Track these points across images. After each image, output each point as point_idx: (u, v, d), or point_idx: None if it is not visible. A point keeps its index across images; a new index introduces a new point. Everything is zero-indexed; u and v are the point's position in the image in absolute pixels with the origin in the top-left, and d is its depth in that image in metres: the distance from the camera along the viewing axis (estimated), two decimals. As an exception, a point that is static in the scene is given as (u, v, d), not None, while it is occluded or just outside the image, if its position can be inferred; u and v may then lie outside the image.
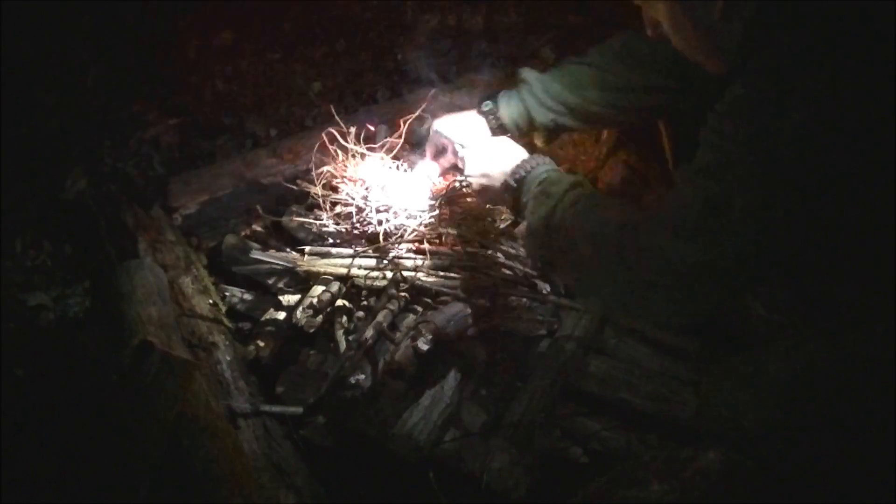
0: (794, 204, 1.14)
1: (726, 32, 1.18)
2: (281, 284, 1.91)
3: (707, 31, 1.20)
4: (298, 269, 1.80)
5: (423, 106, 2.03)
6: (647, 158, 2.25)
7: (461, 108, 2.02)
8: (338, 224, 1.89)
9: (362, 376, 1.62)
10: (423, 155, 2.04)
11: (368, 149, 1.98)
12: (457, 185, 1.83)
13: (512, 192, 1.67)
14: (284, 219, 2.06)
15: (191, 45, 2.97)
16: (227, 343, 1.84)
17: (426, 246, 1.83)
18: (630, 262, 1.31)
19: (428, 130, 2.03)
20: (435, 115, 2.03)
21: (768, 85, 1.11)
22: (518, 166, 1.67)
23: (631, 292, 1.36)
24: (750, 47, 1.15)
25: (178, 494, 1.57)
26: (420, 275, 1.80)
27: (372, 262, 1.83)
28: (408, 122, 1.94)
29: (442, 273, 1.82)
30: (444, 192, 1.87)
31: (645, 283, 1.31)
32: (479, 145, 1.82)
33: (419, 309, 1.78)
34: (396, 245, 1.83)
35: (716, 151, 1.19)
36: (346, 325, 1.76)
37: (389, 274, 1.79)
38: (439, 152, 1.97)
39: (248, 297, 1.99)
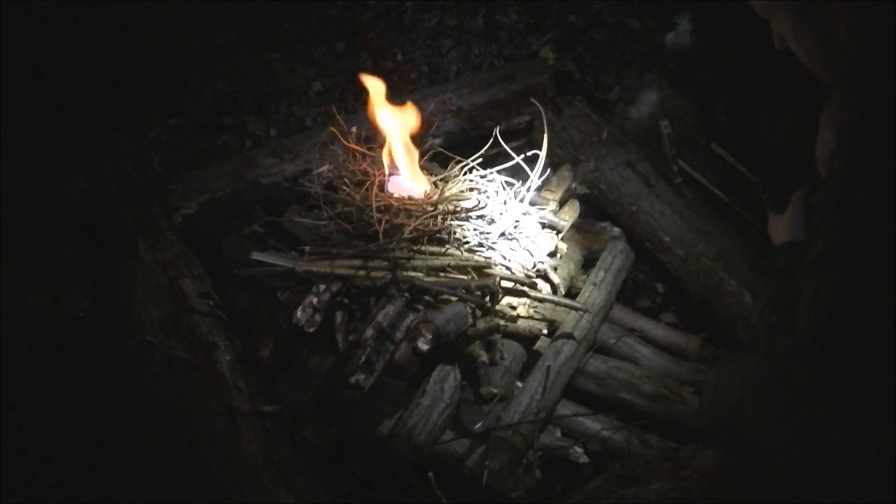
0: None
1: (849, 51, 1.14)
2: (281, 285, 1.90)
3: (830, 48, 1.16)
4: (298, 269, 1.80)
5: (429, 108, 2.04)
6: (647, 157, 2.25)
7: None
8: (338, 224, 1.89)
9: (362, 376, 1.62)
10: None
11: (368, 149, 1.98)
12: None
13: None
14: (284, 219, 2.06)
15: (191, 44, 2.97)
16: (227, 343, 1.84)
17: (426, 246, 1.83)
18: None
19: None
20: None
21: None
22: None
23: None
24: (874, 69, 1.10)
25: (179, 494, 1.58)
26: (420, 275, 1.79)
27: (371, 261, 1.83)
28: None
29: (442, 273, 1.82)
30: None
31: None
32: None
33: (419, 309, 1.77)
34: (396, 245, 1.82)
35: None
36: (345, 325, 1.76)
37: (389, 274, 1.79)
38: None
39: (247, 297, 1.99)
